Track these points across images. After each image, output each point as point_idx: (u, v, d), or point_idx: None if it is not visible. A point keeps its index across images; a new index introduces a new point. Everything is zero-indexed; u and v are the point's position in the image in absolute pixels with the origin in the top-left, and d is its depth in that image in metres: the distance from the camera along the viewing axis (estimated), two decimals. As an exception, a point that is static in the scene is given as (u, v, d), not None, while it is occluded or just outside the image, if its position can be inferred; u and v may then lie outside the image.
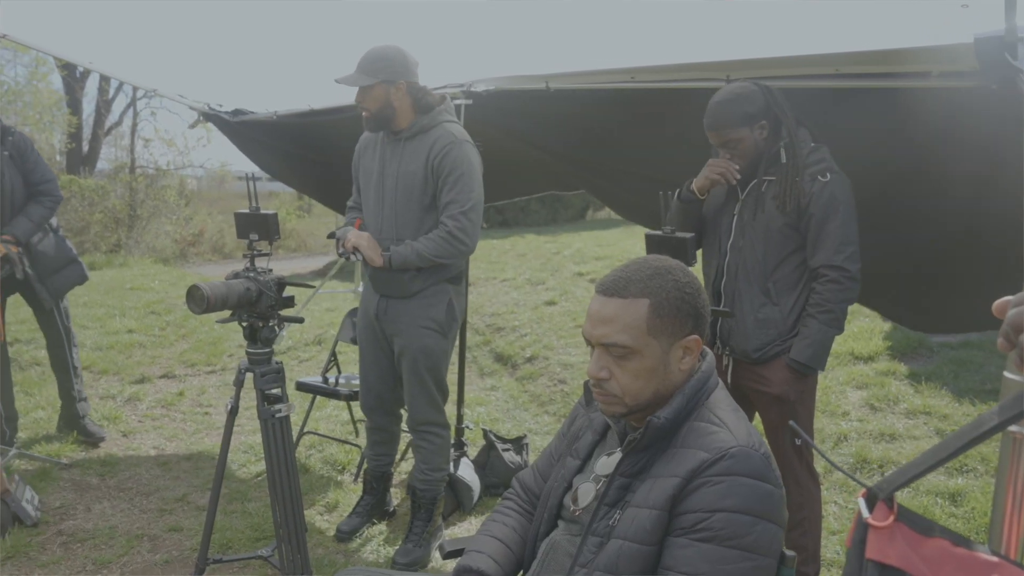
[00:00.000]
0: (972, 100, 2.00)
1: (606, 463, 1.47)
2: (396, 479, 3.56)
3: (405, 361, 3.02)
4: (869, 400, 4.46)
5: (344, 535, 3.23)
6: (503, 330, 6.88)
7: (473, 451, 3.86)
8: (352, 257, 2.93)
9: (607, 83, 2.91)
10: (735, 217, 2.55)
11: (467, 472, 3.56)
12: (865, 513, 0.71)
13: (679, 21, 2.78)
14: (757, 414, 2.65)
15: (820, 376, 4.74)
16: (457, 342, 3.99)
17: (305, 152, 4.33)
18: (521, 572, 1.58)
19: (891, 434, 4.03)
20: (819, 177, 2.37)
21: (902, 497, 2.77)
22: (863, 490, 0.73)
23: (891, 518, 0.68)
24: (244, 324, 2.55)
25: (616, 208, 4.20)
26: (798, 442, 2.51)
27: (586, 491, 1.47)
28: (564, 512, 1.52)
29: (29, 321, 4.10)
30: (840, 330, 2.44)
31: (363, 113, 2.87)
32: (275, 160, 4.71)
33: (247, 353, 2.55)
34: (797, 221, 2.41)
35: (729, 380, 2.59)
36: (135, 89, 14.37)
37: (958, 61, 1.96)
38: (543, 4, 3.06)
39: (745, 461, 1.28)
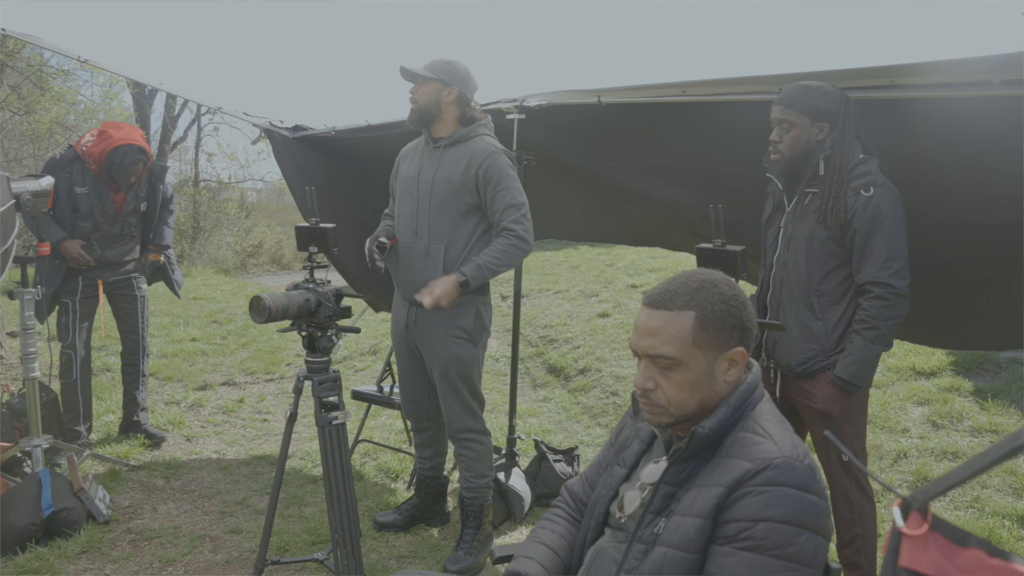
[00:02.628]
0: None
1: (652, 472, 1.49)
2: (449, 487, 3.61)
3: (436, 371, 3.09)
4: (931, 417, 4.34)
5: (378, 526, 3.36)
6: (556, 342, 6.91)
7: (525, 462, 3.90)
8: (380, 264, 3.00)
9: (658, 97, 2.93)
10: (781, 230, 2.54)
11: (518, 482, 3.59)
12: (899, 522, 0.72)
13: (731, 35, 2.79)
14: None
15: (880, 392, 4.68)
16: (509, 353, 4.04)
17: (360, 159, 4.43)
18: (569, 579, 1.61)
19: (954, 452, 3.92)
20: (862, 191, 2.32)
21: (967, 518, 2.69)
22: (898, 500, 0.74)
23: (925, 527, 0.70)
24: (303, 334, 2.65)
25: (654, 241, 4.15)
26: (845, 458, 2.47)
27: (632, 499, 1.49)
28: (611, 520, 1.54)
29: (101, 327, 4.33)
30: (887, 347, 2.39)
31: (411, 105, 3.00)
32: (322, 183, 4.77)
33: (306, 362, 2.65)
34: (840, 236, 2.38)
35: (778, 394, 2.57)
36: (199, 106, 14.90)
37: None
38: (596, 20, 3.10)
39: (789, 472, 1.29)
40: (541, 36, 3.35)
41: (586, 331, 6.95)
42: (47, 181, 3.51)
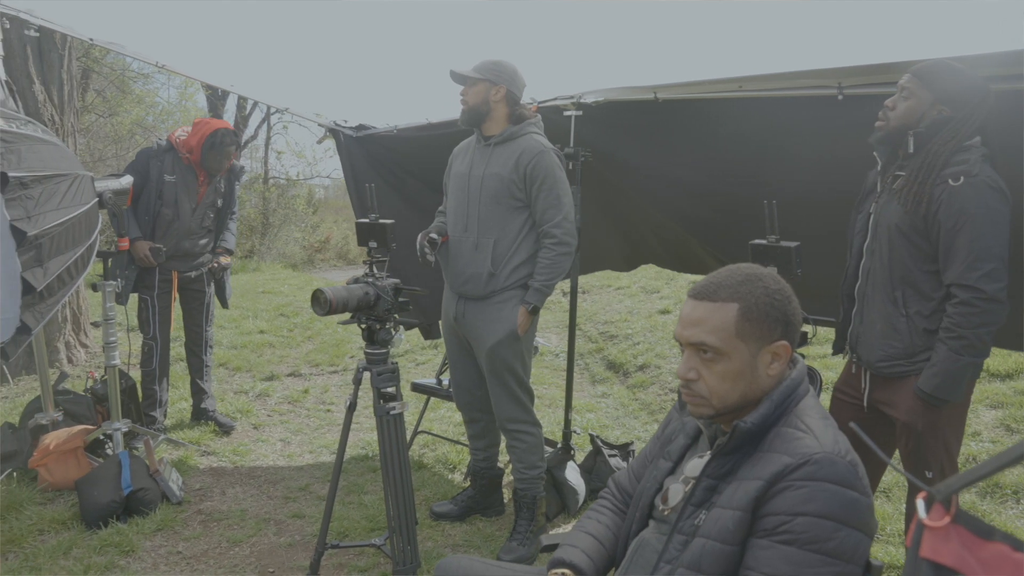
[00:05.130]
0: None
1: (695, 465, 1.51)
2: (504, 479, 3.67)
3: (484, 364, 3.16)
4: (1005, 420, 4.17)
5: (435, 515, 3.45)
6: (616, 338, 6.90)
7: (580, 456, 3.92)
8: (430, 258, 3.09)
9: (715, 93, 2.91)
10: (871, 216, 2.37)
11: (573, 475, 3.62)
12: (922, 514, 0.73)
13: (789, 30, 2.75)
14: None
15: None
16: (566, 348, 4.07)
17: (420, 157, 4.53)
18: (614, 569, 1.64)
19: (1028, 457, 3.75)
20: (950, 180, 2.11)
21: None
22: (922, 492, 0.75)
23: (946, 519, 0.70)
24: (363, 326, 2.74)
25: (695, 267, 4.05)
26: (929, 475, 2.29)
27: (675, 492, 1.51)
28: (655, 512, 1.57)
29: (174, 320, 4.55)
30: (980, 356, 2.16)
31: (462, 107, 3.09)
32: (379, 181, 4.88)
33: (365, 353, 2.74)
34: (926, 229, 2.19)
35: (865, 402, 2.43)
36: (268, 106, 15.34)
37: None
38: (651, 19, 3.11)
39: (829, 467, 1.29)
40: (598, 35, 3.36)
41: (646, 327, 6.92)
42: (127, 180, 3.71)
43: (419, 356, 6.68)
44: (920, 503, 0.74)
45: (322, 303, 2.55)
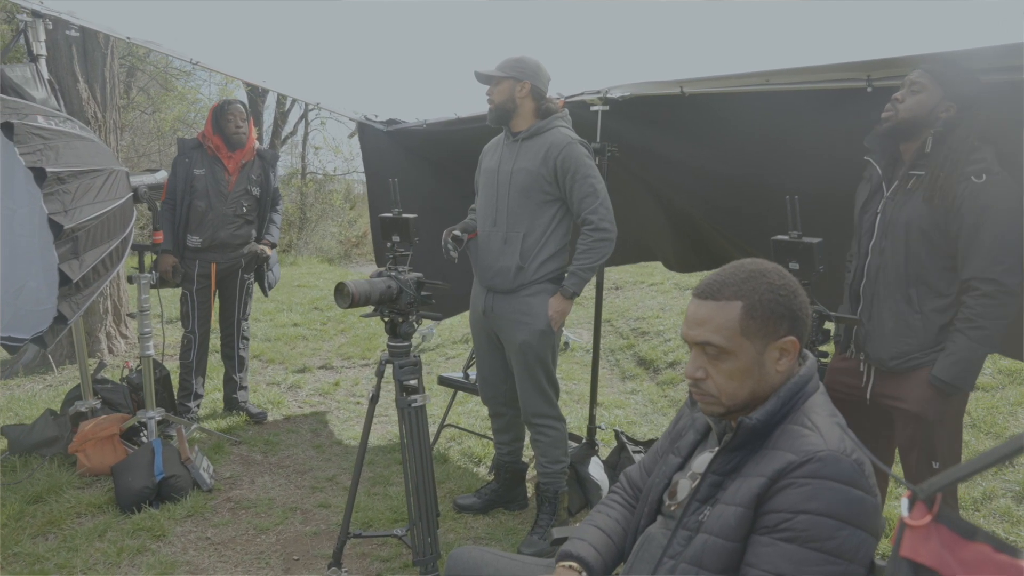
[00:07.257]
0: None
1: (703, 461, 1.50)
2: (529, 474, 3.68)
3: (513, 357, 3.18)
4: (1047, 424, 4.07)
5: (458, 508, 3.48)
6: (647, 334, 6.86)
7: (605, 452, 3.92)
8: (453, 254, 3.12)
9: (741, 87, 2.88)
10: (879, 216, 2.38)
11: (597, 471, 3.62)
12: (904, 513, 0.72)
13: (816, 22, 2.71)
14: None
15: (988, 395, 4.41)
16: (591, 343, 4.07)
17: (448, 152, 4.54)
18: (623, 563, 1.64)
19: (1067, 462, 3.66)
20: (973, 178, 2.15)
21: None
22: (907, 491, 0.74)
23: (928, 518, 0.69)
24: (386, 319, 2.77)
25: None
26: (936, 465, 2.32)
27: (683, 487, 1.51)
28: (663, 507, 1.56)
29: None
30: (993, 349, 2.23)
31: (489, 105, 3.11)
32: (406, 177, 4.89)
33: (388, 346, 2.77)
34: (945, 225, 2.21)
35: (868, 396, 2.45)
36: (306, 103, 15.51)
37: None
38: (678, 12, 3.09)
39: (834, 465, 1.27)
40: (624, 30, 3.35)
41: (678, 324, 6.87)
42: (161, 175, 3.80)
43: (449, 350, 6.73)
44: (904, 502, 0.73)
45: (345, 295, 2.59)
